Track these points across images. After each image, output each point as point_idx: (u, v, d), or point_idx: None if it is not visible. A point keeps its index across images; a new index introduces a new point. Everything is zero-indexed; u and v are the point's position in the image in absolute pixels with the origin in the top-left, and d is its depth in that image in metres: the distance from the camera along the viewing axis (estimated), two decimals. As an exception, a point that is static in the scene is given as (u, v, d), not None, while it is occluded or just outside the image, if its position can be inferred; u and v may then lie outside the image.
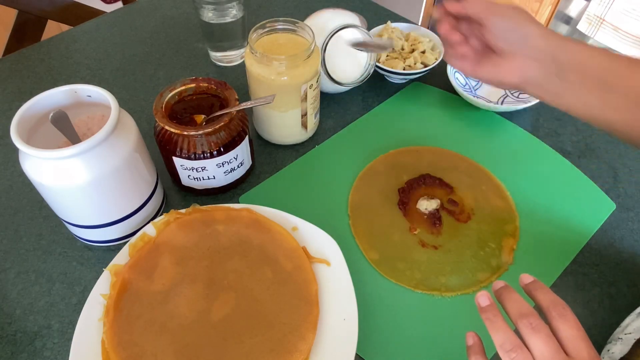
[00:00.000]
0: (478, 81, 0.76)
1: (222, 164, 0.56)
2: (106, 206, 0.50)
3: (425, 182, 0.62)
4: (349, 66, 0.69)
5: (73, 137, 0.49)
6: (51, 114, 0.48)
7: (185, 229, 0.52)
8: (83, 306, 0.47)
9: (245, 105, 0.55)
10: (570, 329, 0.34)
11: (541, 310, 0.36)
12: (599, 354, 0.34)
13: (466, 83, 0.75)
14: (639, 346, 0.42)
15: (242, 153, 0.58)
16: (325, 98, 0.73)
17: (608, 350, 0.44)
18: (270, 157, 0.66)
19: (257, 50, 0.56)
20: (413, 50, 0.75)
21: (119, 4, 1.16)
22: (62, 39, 0.85)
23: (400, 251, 0.56)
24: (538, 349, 0.33)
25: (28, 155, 0.45)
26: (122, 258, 0.51)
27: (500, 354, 0.34)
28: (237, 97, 0.55)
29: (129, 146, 0.48)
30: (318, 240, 0.53)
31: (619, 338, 0.44)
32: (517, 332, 0.35)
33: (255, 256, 0.51)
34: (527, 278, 0.38)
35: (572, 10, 1.53)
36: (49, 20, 1.00)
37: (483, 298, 0.37)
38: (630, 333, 0.43)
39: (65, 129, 0.49)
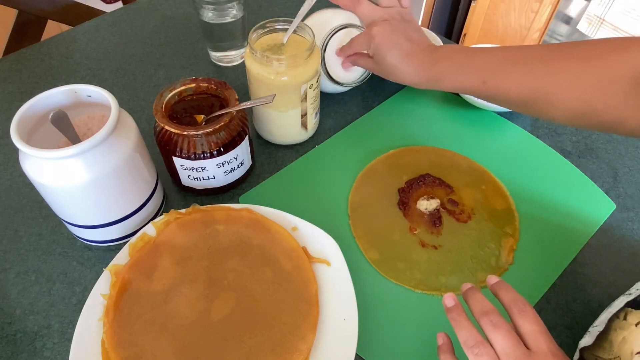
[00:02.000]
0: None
1: (222, 164, 0.56)
2: (106, 206, 0.50)
3: (425, 182, 0.62)
4: (349, 66, 0.69)
5: (73, 137, 0.49)
6: (51, 114, 0.48)
7: (185, 229, 0.52)
8: (83, 306, 0.47)
9: (245, 105, 0.55)
10: (530, 324, 0.35)
11: (504, 307, 0.37)
12: (559, 347, 0.36)
13: (466, 83, 0.75)
14: (601, 338, 0.43)
15: (242, 153, 0.58)
16: (325, 98, 0.73)
17: (579, 344, 0.44)
18: (270, 157, 0.66)
19: (257, 50, 0.56)
20: (413, 50, 0.75)
21: (119, 4, 1.16)
22: (62, 39, 0.85)
23: (400, 251, 0.56)
24: (499, 343, 0.34)
25: (28, 155, 0.45)
26: (122, 258, 0.51)
27: (465, 350, 0.35)
28: (237, 97, 0.55)
29: (129, 146, 0.48)
30: (318, 240, 0.53)
31: (588, 332, 0.45)
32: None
33: (255, 256, 0.51)
34: (492, 279, 0.40)
35: (572, 10, 1.53)
36: (49, 20, 1.00)
37: (449, 299, 0.39)
38: (596, 326, 0.44)
39: (65, 129, 0.49)
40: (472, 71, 0.52)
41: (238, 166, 0.59)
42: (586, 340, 0.44)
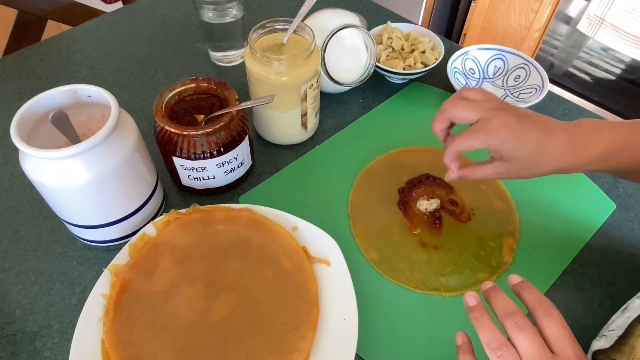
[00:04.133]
0: (478, 81, 0.76)
1: (222, 164, 0.56)
2: (106, 206, 0.50)
3: (425, 182, 0.62)
4: (349, 66, 0.69)
5: (73, 137, 0.49)
6: (51, 114, 0.48)
7: (185, 229, 0.52)
8: (83, 306, 0.47)
9: (245, 105, 0.55)
10: (556, 328, 0.34)
11: (528, 309, 0.36)
12: (584, 352, 0.35)
13: (466, 83, 0.75)
14: (620, 342, 0.42)
15: (242, 153, 0.58)
16: (325, 98, 0.73)
17: (592, 347, 0.44)
18: (270, 157, 0.66)
19: (257, 50, 0.56)
20: (413, 50, 0.75)
21: (119, 4, 1.16)
22: (62, 39, 0.85)
23: (400, 251, 0.56)
24: (523, 346, 0.33)
25: (28, 155, 0.45)
26: (122, 258, 0.51)
27: (487, 352, 0.34)
28: (237, 97, 0.55)
29: (129, 146, 0.48)
30: (318, 240, 0.53)
31: (603, 335, 0.44)
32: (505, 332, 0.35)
33: (255, 256, 0.51)
34: (515, 278, 0.39)
35: (572, 10, 1.53)
36: (49, 20, 1.00)
37: (471, 298, 0.38)
38: (613, 330, 0.43)
39: (65, 129, 0.49)
40: None
41: (238, 166, 0.59)
42: (601, 344, 0.43)
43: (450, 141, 0.50)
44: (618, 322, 0.44)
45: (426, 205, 0.59)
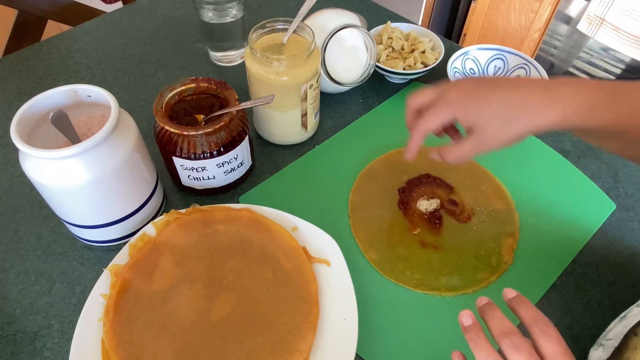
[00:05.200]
0: (478, 81, 0.76)
1: (222, 164, 0.56)
2: (106, 206, 0.50)
3: (425, 182, 0.62)
4: (349, 66, 0.69)
5: (73, 137, 0.49)
6: (51, 114, 0.48)
7: (185, 229, 0.52)
8: (83, 306, 0.47)
9: (245, 105, 0.55)
10: (553, 345, 0.34)
11: (524, 325, 0.36)
12: None
13: (466, 83, 0.75)
14: (617, 355, 0.41)
15: (242, 153, 0.58)
16: (325, 98, 0.73)
17: (590, 355, 0.44)
18: (270, 157, 0.66)
19: (257, 50, 0.56)
20: (413, 50, 0.75)
21: (119, 4, 1.16)
22: (62, 39, 0.85)
23: (400, 251, 0.56)
24: None
25: (28, 155, 0.45)
26: (122, 258, 0.51)
27: None
28: (237, 97, 0.55)
29: (129, 146, 0.48)
30: (318, 240, 0.53)
31: (600, 344, 0.44)
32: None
33: (255, 256, 0.51)
34: (510, 293, 0.38)
35: (572, 10, 1.53)
36: (49, 20, 1.00)
37: (466, 317, 0.37)
38: (610, 339, 0.43)
39: (65, 129, 0.49)
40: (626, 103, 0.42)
41: (238, 166, 0.59)
42: (599, 354, 0.42)
43: (415, 124, 0.48)
44: (615, 331, 0.43)
45: (426, 205, 0.59)
